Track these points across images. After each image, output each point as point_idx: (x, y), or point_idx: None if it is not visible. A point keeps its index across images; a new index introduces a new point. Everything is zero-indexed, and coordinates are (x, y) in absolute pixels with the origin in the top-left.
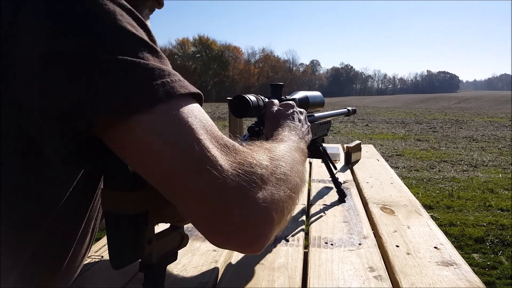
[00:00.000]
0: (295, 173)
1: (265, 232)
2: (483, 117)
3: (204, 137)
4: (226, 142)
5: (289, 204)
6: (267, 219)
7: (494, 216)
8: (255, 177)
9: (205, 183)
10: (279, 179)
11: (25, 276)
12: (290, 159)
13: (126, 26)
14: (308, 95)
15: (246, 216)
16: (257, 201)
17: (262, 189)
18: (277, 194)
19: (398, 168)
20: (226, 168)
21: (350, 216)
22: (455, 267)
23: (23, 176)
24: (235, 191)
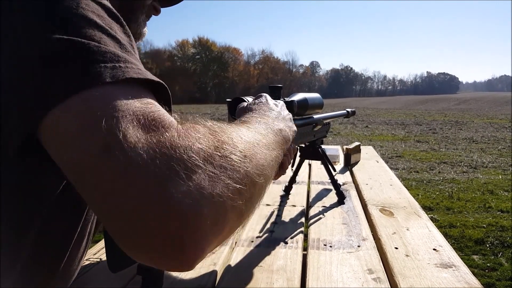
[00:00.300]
0: (254, 160)
1: (194, 236)
2: (483, 118)
3: (121, 115)
4: (155, 117)
5: (237, 202)
6: (191, 222)
7: (494, 218)
8: (175, 163)
9: (111, 169)
10: (222, 168)
11: (24, 276)
12: (247, 143)
13: (88, 15)
14: (307, 97)
15: (163, 217)
16: (175, 197)
17: (187, 180)
18: (213, 189)
19: (398, 169)
20: (143, 150)
21: (349, 218)
22: (454, 269)
23: (22, 176)
24: (146, 181)
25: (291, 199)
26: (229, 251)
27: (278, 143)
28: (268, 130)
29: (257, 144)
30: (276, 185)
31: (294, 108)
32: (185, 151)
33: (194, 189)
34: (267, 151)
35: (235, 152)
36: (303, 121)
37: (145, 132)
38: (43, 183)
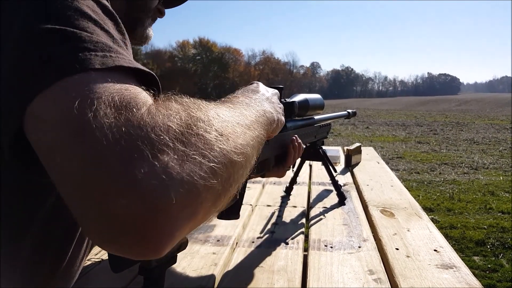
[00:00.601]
0: (231, 139)
1: (160, 223)
2: (484, 119)
3: (97, 96)
4: (130, 98)
5: (212, 182)
6: (156, 204)
7: (495, 219)
8: (141, 142)
9: (81, 150)
10: (194, 147)
11: (24, 277)
12: (225, 121)
13: (82, 8)
14: (308, 97)
15: (127, 200)
16: (138, 178)
17: (154, 159)
18: (182, 168)
19: (399, 170)
20: (104, 128)
21: (350, 219)
22: (454, 270)
23: (21, 176)
24: (114, 162)
25: (291, 200)
26: (230, 251)
27: (261, 123)
28: (251, 110)
29: (236, 123)
30: (276, 186)
31: (295, 109)
32: (153, 129)
33: (161, 169)
34: (247, 131)
35: (209, 130)
36: (304, 122)
37: (116, 112)
38: (42, 183)
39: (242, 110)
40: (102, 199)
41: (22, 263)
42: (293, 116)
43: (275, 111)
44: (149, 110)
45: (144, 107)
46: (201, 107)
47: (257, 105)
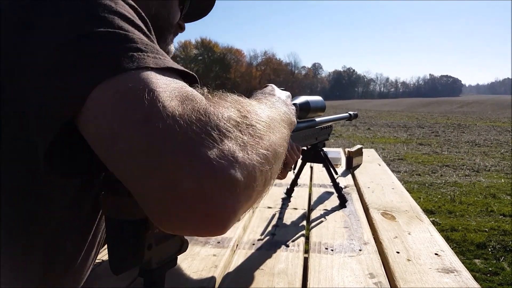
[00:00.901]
0: (273, 132)
1: (226, 199)
2: (486, 121)
3: (160, 90)
4: (189, 93)
5: (265, 167)
6: (226, 181)
7: (496, 222)
8: (213, 129)
9: (150, 135)
10: (250, 135)
11: (37, 275)
12: (266, 116)
13: (125, 13)
14: (309, 99)
15: (195, 177)
16: (210, 157)
17: (221, 143)
18: (241, 151)
19: (400, 172)
20: (180, 116)
21: (350, 222)
22: (455, 274)
23: (25, 179)
24: (183, 144)
25: (292, 202)
26: (230, 253)
27: (286, 122)
28: (275, 111)
29: (273, 118)
30: (277, 187)
31: (296, 111)
32: (218, 118)
33: (228, 152)
34: (281, 127)
35: (259, 121)
36: (305, 124)
37: (182, 103)
38: (59, 189)
39: (273, 109)
40: (175, 178)
41: (31, 268)
42: None
43: (291, 113)
44: (210, 102)
45: (204, 100)
46: (249, 102)
47: (279, 106)
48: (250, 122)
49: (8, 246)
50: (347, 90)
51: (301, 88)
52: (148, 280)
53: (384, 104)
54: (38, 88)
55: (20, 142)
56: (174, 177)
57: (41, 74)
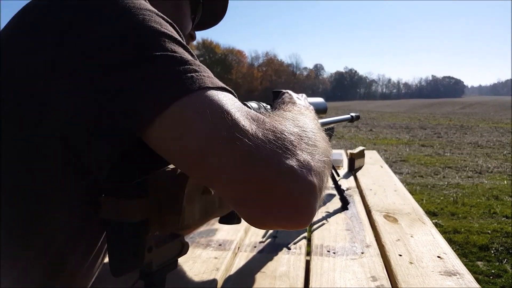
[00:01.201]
0: (320, 137)
1: (310, 199)
2: (488, 122)
3: (234, 111)
4: (255, 114)
5: (326, 169)
6: (308, 186)
7: (499, 224)
8: (287, 143)
9: (238, 151)
10: (310, 145)
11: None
12: (312, 125)
13: (176, 37)
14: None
15: (286, 183)
16: (294, 167)
17: (297, 155)
18: (311, 160)
19: (402, 174)
20: (257, 135)
21: (353, 224)
22: (458, 277)
23: (25, 179)
24: (270, 158)
25: None
26: (231, 256)
27: (320, 127)
28: (309, 117)
29: (313, 127)
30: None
31: None
32: (287, 134)
33: (304, 161)
34: (321, 132)
35: (311, 131)
36: None
37: (254, 123)
38: (62, 190)
39: (307, 118)
40: (270, 184)
41: (40, 271)
42: None
43: (316, 117)
44: (273, 119)
45: (266, 119)
46: (294, 116)
47: (308, 114)
48: (306, 134)
49: (8, 246)
50: (349, 91)
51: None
52: (148, 282)
53: (386, 105)
54: (99, 102)
55: (20, 142)
56: (268, 184)
57: (102, 91)
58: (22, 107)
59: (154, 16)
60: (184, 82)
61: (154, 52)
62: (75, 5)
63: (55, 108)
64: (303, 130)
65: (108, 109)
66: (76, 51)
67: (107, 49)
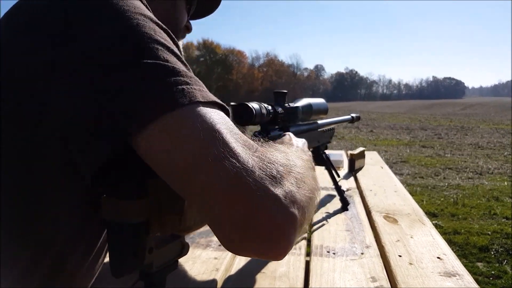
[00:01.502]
0: (310, 176)
1: (290, 231)
2: (489, 123)
3: (226, 131)
4: (247, 139)
5: (310, 206)
6: (290, 217)
7: (499, 225)
8: (274, 172)
9: (226, 172)
10: (297, 179)
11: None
12: (303, 163)
13: (166, 43)
14: (311, 102)
15: (270, 211)
16: (279, 196)
17: (283, 185)
18: (297, 193)
19: (403, 174)
20: (247, 159)
21: (353, 225)
22: (457, 278)
23: (25, 179)
24: (257, 183)
25: None
26: (231, 256)
27: (312, 168)
28: (302, 158)
29: (304, 166)
30: None
31: (299, 114)
32: (276, 164)
33: (290, 192)
34: (311, 172)
35: (301, 167)
36: (307, 126)
37: (245, 147)
38: (63, 190)
39: (300, 158)
40: (250, 209)
41: (40, 273)
42: (296, 121)
43: (311, 161)
44: (264, 148)
45: (259, 148)
46: (285, 150)
47: (301, 156)
48: (296, 169)
49: (8, 246)
50: (350, 92)
51: (303, 89)
52: (148, 283)
53: (386, 106)
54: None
55: (20, 142)
56: (252, 208)
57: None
58: (22, 107)
59: (149, 22)
60: (175, 94)
61: (144, 60)
62: (75, 6)
63: (55, 108)
64: (293, 165)
65: (108, 109)
66: (76, 51)
67: (107, 49)
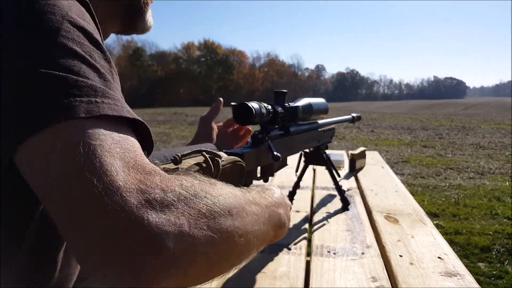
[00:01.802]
0: (238, 220)
1: (153, 266)
2: (490, 123)
3: (98, 143)
4: (140, 163)
5: (209, 248)
6: (156, 249)
7: (500, 225)
8: (153, 197)
9: (81, 189)
10: (199, 213)
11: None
12: (239, 205)
13: (67, 44)
14: (312, 102)
15: (130, 239)
16: (146, 223)
17: (161, 213)
18: (187, 228)
19: (404, 174)
20: (122, 178)
21: (353, 225)
22: (458, 278)
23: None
24: (125, 205)
25: (295, 204)
26: None
27: (273, 224)
28: (270, 209)
29: (250, 211)
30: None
31: (299, 114)
32: (164, 190)
33: (166, 222)
34: (258, 224)
35: (217, 203)
36: (308, 126)
37: (134, 171)
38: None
39: (262, 206)
40: (110, 237)
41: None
42: (296, 120)
43: (287, 218)
44: (161, 176)
45: (155, 174)
46: (216, 185)
47: (276, 208)
48: (205, 201)
49: (8, 246)
50: (350, 92)
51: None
52: None
53: (387, 106)
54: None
55: None
56: (110, 230)
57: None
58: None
59: (67, 26)
60: (54, 110)
61: (45, 68)
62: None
63: None
64: (206, 196)
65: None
66: None
67: (10, 53)
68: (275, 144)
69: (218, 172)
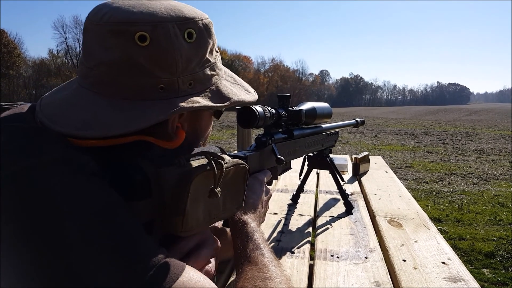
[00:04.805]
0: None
1: None
2: (494, 129)
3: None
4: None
5: None
6: None
7: (504, 231)
8: None
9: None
10: None
11: None
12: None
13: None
14: (316, 106)
15: None
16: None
17: None
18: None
19: (407, 180)
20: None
21: (357, 229)
22: (462, 283)
23: None
24: None
25: (298, 208)
26: None
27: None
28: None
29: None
30: (283, 193)
31: (302, 117)
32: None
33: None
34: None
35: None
36: (311, 130)
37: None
38: None
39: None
40: None
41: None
42: (300, 124)
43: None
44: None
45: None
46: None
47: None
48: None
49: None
50: (354, 97)
51: (308, 95)
52: None
53: (391, 111)
54: None
55: None
56: None
57: None
58: None
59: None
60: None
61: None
62: None
63: None
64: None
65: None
66: None
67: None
68: (279, 147)
69: (221, 175)
